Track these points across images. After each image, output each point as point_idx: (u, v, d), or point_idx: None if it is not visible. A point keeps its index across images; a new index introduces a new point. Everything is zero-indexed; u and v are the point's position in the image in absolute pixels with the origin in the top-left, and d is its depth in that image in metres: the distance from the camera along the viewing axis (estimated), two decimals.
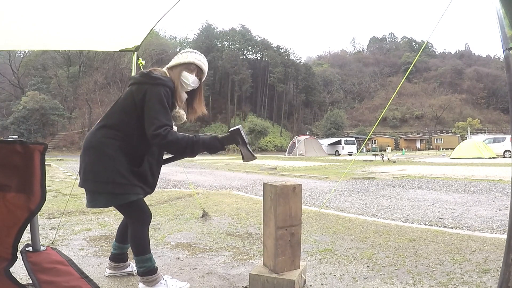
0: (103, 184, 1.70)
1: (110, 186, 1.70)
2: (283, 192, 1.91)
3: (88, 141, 1.78)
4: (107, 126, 1.77)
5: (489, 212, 4.42)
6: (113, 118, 1.79)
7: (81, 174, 1.77)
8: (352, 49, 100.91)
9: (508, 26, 1.39)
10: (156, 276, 1.89)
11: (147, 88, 1.73)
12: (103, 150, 1.72)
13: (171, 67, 1.94)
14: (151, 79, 1.76)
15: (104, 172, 1.70)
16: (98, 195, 1.74)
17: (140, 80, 1.78)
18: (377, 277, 2.15)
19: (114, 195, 1.73)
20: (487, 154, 19.34)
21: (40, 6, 2.00)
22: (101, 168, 1.70)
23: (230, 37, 64.48)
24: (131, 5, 2.21)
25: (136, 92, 1.76)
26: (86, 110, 43.59)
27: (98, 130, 1.79)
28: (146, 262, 1.86)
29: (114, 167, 1.70)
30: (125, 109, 1.77)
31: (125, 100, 1.79)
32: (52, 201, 5.23)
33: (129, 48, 2.73)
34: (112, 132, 1.75)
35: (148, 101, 1.71)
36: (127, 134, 1.75)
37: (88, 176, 1.73)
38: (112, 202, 1.78)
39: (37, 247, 1.35)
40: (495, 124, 59.56)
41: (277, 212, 1.88)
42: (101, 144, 1.73)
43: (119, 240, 2.14)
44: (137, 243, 1.85)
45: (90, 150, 1.74)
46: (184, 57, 1.94)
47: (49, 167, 14.19)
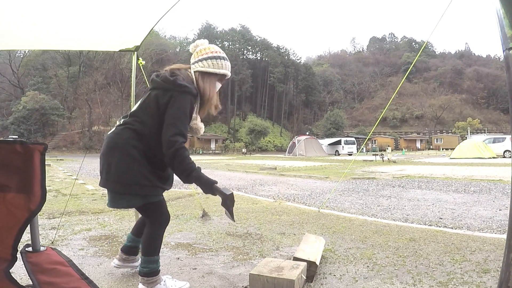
0: (127, 186, 1.70)
1: (133, 188, 1.71)
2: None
3: (113, 142, 1.76)
4: (131, 128, 1.76)
5: (489, 212, 4.42)
6: (138, 121, 1.77)
7: (104, 174, 1.76)
8: (352, 49, 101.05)
9: (508, 26, 1.39)
10: (157, 278, 1.88)
11: (172, 94, 1.72)
12: (128, 152, 1.71)
13: (202, 72, 1.86)
14: (178, 86, 1.73)
15: (129, 173, 1.70)
16: (121, 196, 1.75)
17: (166, 87, 1.75)
18: (377, 277, 2.15)
19: (136, 197, 1.74)
20: (487, 154, 19.34)
21: (40, 6, 2.00)
22: (126, 170, 1.70)
23: (230, 37, 64.51)
24: (131, 5, 2.21)
25: (161, 97, 1.74)
26: (86, 110, 43.57)
27: (123, 131, 1.77)
28: (152, 263, 1.85)
29: (138, 169, 1.71)
30: (149, 113, 1.76)
31: (149, 104, 1.78)
32: (52, 201, 5.23)
33: (129, 48, 2.73)
34: (136, 135, 1.74)
35: (171, 107, 1.71)
36: (151, 137, 1.74)
37: (112, 177, 1.72)
38: (134, 203, 1.79)
39: (37, 247, 1.35)
40: (495, 124, 59.58)
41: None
42: (126, 146, 1.72)
43: (135, 233, 2.15)
44: (150, 244, 1.85)
45: (115, 151, 1.73)
46: (220, 65, 1.89)
47: (49, 167, 14.20)
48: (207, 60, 1.87)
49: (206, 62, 1.86)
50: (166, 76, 1.77)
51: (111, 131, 1.83)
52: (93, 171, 12.87)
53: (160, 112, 1.73)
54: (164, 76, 1.78)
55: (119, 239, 3.13)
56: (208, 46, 1.92)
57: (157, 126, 1.72)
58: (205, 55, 1.89)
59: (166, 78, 1.77)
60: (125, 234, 3.29)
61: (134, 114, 1.80)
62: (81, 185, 7.86)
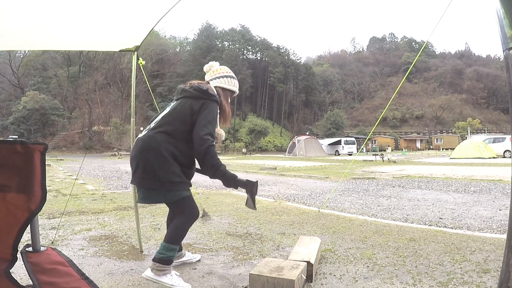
0: (163, 183, 1.91)
1: (168, 185, 1.92)
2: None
3: (147, 144, 1.95)
4: (165, 132, 1.96)
5: (489, 212, 4.42)
6: (171, 125, 1.98)
7: (140, 172, 1.94)
8: (352, 49, 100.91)
9: (508, 26, 1.39)
10: (168, 267, 1.99)
11: (204, 102, 2.00)
12: (162, 153, 1.91)
13: (221, 88, 2.20)
14: (209, 95, 2.03)
15: (163, 172, 1.90)
16: (157, 192, 1.95)
17: (199, 96, 2.01)
18: (377, 277, 2.15)
19: (170, 192, 1.95)
20: (487, 154, 19.33)
21: (40, 6, 2.00)
22: (161, 169, 1.90)
23: (230, 37, 64.43)
24: (131, 5, 2.21)
25: (195, 105, 1.99)
26: (86, 110, 43.57)
27: (157, 134, 1.96)
28: (170, 251, 1.99)
29: (170, 168, 1.92)
30: (182, 119, 1.98)
31: (182, 111, 2.00)
32: (52, 201, 5.23)
33: (129, 48, 2.73)
34: (169, 138, 1.95)
35: (203, 112, 1.97)
36: (181, 140, 1.97)
37: (149, 176, 1.91)
38: (169, 198, 1.98)
39: (37, 247, 1.35)
40: (495, 124, 59.55)
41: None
42: (160, 148, 1.92)
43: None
44: (176, 233, 2.02)
45: (150, 152, 1.92)
46: (233, 84, 2.26)
47: (49, 167, 14.20)
48: (224, 78, 2.23)
49: (223, 79, 2.22)
50: (199, 87, 2.04)
51: (142, 134, 2.03)
52: (93, 171, 12.87)
53: (193, 118, 1.97)
54: (197, 87, 2.04)
55: (119, 239, 3.14)
56: (221, 67, 2.29)
57: (187, 131, 1.97)
58: (222, 73, 2.25)
59: (200, 88, 2.04)
60: (125, 234, 3.29)
61: (166, 119, 2.01)
62: (81, 185, 7.86)
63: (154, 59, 50.36)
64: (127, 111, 42.44)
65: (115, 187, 7.69)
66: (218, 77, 2.23)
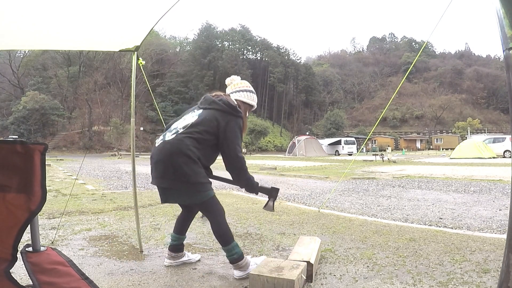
0: (193, 184, 2.00)
1: (198, 186, 2.02)
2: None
3: (177, 147, 2.02)
4: (193, 138, 2.05)
5: (489, 212, 4.42)
6: (199, 133, 2.07)
7: (169, 174, 2.00)
8: (352, 49, 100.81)
9: (508, 26, 1.39)
10: (245, 260, 2.16)
11: (231, 118, 2.12)
12: (190, 156, 2.00)
13: (242, 101, 2.31)
14: (237, 112, 2.16)
15: (193, 174, 1.99)
16: (187, 192, 2.04)
17: (227, 111, 2.13)
18: (377, 277, 2.15)
19: (200, 193, 2.05)
20: (487, 154, 19.33)
21: (40, 6, 2.00)
22: (191, 171, 1.99)
23: (230, 37, 64.44)
24: (131, 5, 2.21)
25: (221, 118, 2.11)
26: (86, 110, 43.56)
27: (186, 138, 2.05)
28: (234, 249, 2.13)
29: (199, 170, 2.03)
30: (209, 129, 2.09)
31: (210, 122, 2.10)
32: (52, 201, 5.23)
33: (129, 48, 2.72)
34: (196, 144, 2.05)
35: (232, 128, 2.11)
36: (205, 147, 2.09)
37: (179, 177, 1.99)
38: (199, 198, 2.07)
39: (37, 247, 1.35)
40: (495, 124, 59.54)
41: None
42: (189, 151, 2.00)
43: (177, 231, 2.40)
44: (222, 234, 2.14)
45: (180, 156, 1.99)
46: (253, 98, 2.38)
47: (49, 167, 14.20)
48: (244, 92, 2.35)
49: (244, 93, 2.34)
50: (229, 102, 2.16)
51: (170, 138, 2.09)
52: (93, 171, 12.87)
53: (219, 130, 2.09)
54: (227, 102, 2.16)
55: (119, 239, 3.14)
56: (242, 81, 2.42)
57: (211, 140, 2.10)
58: (243, 87, 2.37)
59: (229, 104, 2.15)
60: (125, 234, 3.29)
61: (195, 126, 2.09)
62: (81, 185, 7.86)
63: (154, 59, 50.35)
64: (127, 111, 42.44)
65: (115, 187, 7.69)
66: (239, 91, 2.34)
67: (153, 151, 2.15)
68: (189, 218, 2.46)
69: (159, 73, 54.54)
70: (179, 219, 2.44)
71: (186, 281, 2.12)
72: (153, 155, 2.12)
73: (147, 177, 10.32)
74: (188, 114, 2.25)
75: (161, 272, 2.29)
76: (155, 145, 2.17)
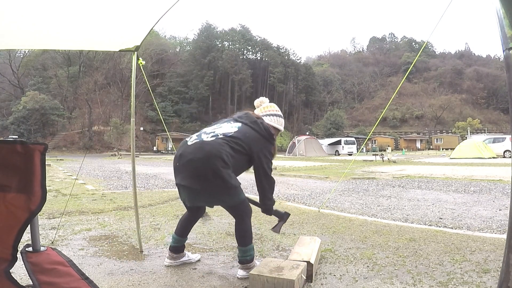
0: (229, 188, 2.05)
1: (233, 190, 2.07)
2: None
3: (216, 149, 2.06)
4: (231, 147, 2.11)
5: (489, 212, 4.42)
6: (236, 144, 2.14)
7: (206, 176, 2.01)
8: (352, 49, 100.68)
9: (508, 26, 1.39)
10: (254, 263, 2.21)
11: (266, 145, 2.26)
12: (226, 162, 2.04)
13: (272, 126, 2.39)
14: (272, 139, 2.30)
15: (229, 178, 2.03)
16: (219, 195, 2.09)
17: (265, 136, 2.25)
18: (377, 277, 2.15)
19: (235, 196, 2.10)
20: (487, 154, 19.32)
21: (40, 6, 2.00)
22: (227, 175, 2.03)
23: (230, 37, 64.38)
24: (131, 5, 2.21)
25: (258, 141, 2.22)
26: (86, 110, 43.52)
27: (225, 144, 2.10)
28: (250, 251, 2.20)
29: (233, 175, 2.08)
30: (245, 145, 2.17)
31: (247, 139, 2.19)
32: (52, 201, 5.23)
33: (129, 48, 2.72)
34: (232, 152, 2.10)
35: (267, 153, 2.25)
36: (237, 160, 2.14)
37: (216, 180, 2.01)
38: (236, 200, 2.13)
39: (37, 247, 1.35)
40: (495, 124, 59.50)
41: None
42: (226, 157, 2.05)
43: (179, 233, 2.40)
44: (246, 235, 2.19)
45: (217, 159, 2.02)
46: (281, 123, 2.49)
47: (49, 167, 14.19)
48: (275, 116, 2.46)
49: (274, 118, 2.45)
50: (269, 129, 2.30)
51: (210, 139, 2.12)
52: (93, 171, 12.86)
53: (253, 151, 2.19)
54: (267, 128, 2.30)
55: (119, 239, 3.14)
56: (271, 104, 2.54)
57: (245, 155, 2.18)
58: (273, 112, 2.48)
59: (269, 130, 2.29)
60: (125, 234, 3.29)
61: (235, 137, 2.16)
62: (81, 185, 7.86)
63: (154, 59, 50.32)
64: (127, 111, 42.41)
65: (115, 187, 7.69)
66: (269, 115, 2.44)
67: (184, 149, 2.13)
68: (193, 221, 2.45)
69: (159, 73, 54.51)
70: (182, 221, 2.42)
71: (186, 281, 2.12)
72: (185, 153, 2.10)
73: (147, 177, 10.31)
74: (224, 123, 2.31)
75: (161, 272, 2.29)
76: (186, 144, 2.16)
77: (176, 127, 48.34)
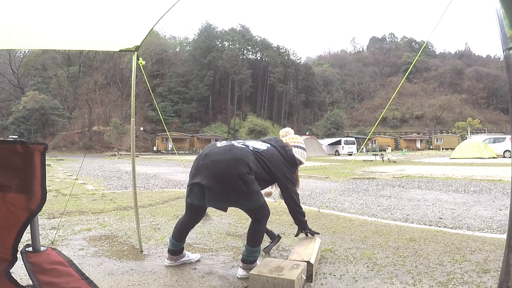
0: (250, 193, 2.09)
1: (253, 195, 2.12)
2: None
3: (245, 155, 2.15)
4: (256, 160, 2.21)
5: (489, 212, 4.42)
6: (262, 160, 2.24)
7: (230, 178, 2.04)
8: (352, 49, 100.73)
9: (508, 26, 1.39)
10: (256, 264, 2.22)
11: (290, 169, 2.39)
12: (251, 169, 2.11)
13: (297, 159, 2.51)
14: (294, 168, 2.48)
15: (251, 183, 2.08)
16: (239, 199, 2.11)
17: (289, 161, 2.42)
18: (377, 277, 2.15)
19: (255, 201, 2.14)
20: (487, 154, 19.32)
21: (40, 6, 2.00)
22: (250, 180, 2.08)
23: (230, 37, 64.37)
24: (131, 5, 2.21)
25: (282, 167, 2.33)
26: (86, 110, 43.51)
27: (253, 156, 2.20)
28: (256, 253, 2.23)
29: (254, 180, 2.12)
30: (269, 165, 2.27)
31: (271, 161, 2.29)
32: (52, 201, 5.23)
33: (129, 48, 2.72)
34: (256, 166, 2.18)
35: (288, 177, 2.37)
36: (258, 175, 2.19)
37: (238, 184, 2.05)
38: (252, 205, 2.17)
39: (37, 247, 1.35)
40: (495, 124, 59.50)
41: None
42: (251, 165, 2.12)
43: (176, 238, 2.38)
44: (258, 236, 2.24)
45: (243, 164, 2.08)
46: (304, 156, 2.59)
47: (49, 167, 14.19)
48: (299, 149, 2.57)
49: (298, 150, 2.55)
50: (294, 159, 2.47)
51: (240, 146, 2.23)
52: (93, 171, 12.86)
53: (274, 171, 2.28)
54: (294, 157, 2.47)
55: (119, 239, 3.14)
56: (296, 136, 2.66)
57: (266, 174, 2.27)
58: (299, 144, 2.60)
59: (294, 160, 2.46)
60: (125, 234, 3.29)
61: (262, 154, 2.28)
62: (81, 185, 7.86)
63: (154, 59, 50.31)
64: (127, 111, 42.41)
65: (115, 187, 7.69)
66: (297, 147, 2.56)
67: (211, 149, 2.18)
68: (191, 225, 2.44)
69: (159, 73, 54.51)
70: (180, 226, 2.38)
71: (186, 281, 2.12)
72: (211, 153, 2.13)
73: (147, 177, 10.31)
74: (253, 141, 2.44)
75: (161, 272, 2.29)
76: (215, 145, 2.22)
77: (176, 127, 48.36)
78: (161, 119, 6.26)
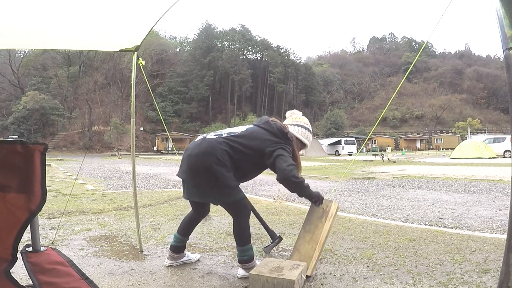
0: (220, 187, 2.05)
1: (225, 189, 2.07)
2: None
3: (212, 146, 2.07)
4: (231, 146, 2.09)
5: (489, 212, 4.42)
6: (239, 144, 2.11)
7: (200, 172, 2.04)
8: (352, 49, 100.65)
9: (508, 26, 1.39)
10: (254, 263, 2.20)
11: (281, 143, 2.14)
12: (221, 160, 2.04)
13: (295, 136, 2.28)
14: (286, 139, 2.19)
15: (221, 176, 2.02)
16: (212, 193, 2.11)
17: (278, 135, 2.18)
18: (377, 277, 2.15)
19: (227, 195, 2.12)
20: (487, 154, 19.32)
21: (40, 6, 2.00)
22: (220, 174, 2.02)
23: (230, 37, 64.36)
24: (131, 5, 2.21)
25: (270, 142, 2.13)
26: (86, 110, 43.53)
27: (224, 143, 2.09)
28: (248, 251, 2.19)
29: (228, 174, 2.04)
30: (252, 144, 2.12)
31: (255, 139, 2.14)
32: (52, 201, 5.23)
33: (129, 48, 2.72)
34: (232, 152, 2.08)
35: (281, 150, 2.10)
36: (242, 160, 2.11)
37: (208, 177, 2.03)
38: (225, 200, 2.16)
39: (37, 247, 1.35)
40: (495, 124, 59.50)
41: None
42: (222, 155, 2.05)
43: (182, 233, 2.39)
44: (243, 234, 2.20)
45: (211, 156, 2.04)
46: (307, 137, 2.34)
47: (49, 167, 14.19)
48: (301, 127, 2.33)
49: (299, 129, 2.32)
50: (282, 129, 2.21)
51: (211, 136, 2.16)
52: (93, 171, 12.86)
53: (264, 151, 2.10)
54: (280, 128, 2.21)
55: (119, 239, 3.14)
56: (301, 117, 2.42)
57: (254, 155, 2.12)
58: (300, 122, 2.35)
59: (281, 129, 2.20)
60: (125, 234, 3.29)
61: (239, 136, 2.15)
62: (81, 185, 7.86)
63: (154, 59, 50.32)
64: (127, 111, 42.42)
65: (115, 187, 7.69)
66: (296, 125, 2.33)
67: (190, 145, 2.22)
68: (197, 220, 2.46)
69: (159, 73, 54.52)
70: (186, 221, 2.43)
71: (186, 281, 2.12)
72: (189, 148, 2.18)
73: (147, 177, 10.32)
74: (234, 127, 2.32)
75: (161, 272, 2.29)
76: (194, 140, 2.24)
77: (176, 127, 48.36)
78: (161, 119, 6.27)
